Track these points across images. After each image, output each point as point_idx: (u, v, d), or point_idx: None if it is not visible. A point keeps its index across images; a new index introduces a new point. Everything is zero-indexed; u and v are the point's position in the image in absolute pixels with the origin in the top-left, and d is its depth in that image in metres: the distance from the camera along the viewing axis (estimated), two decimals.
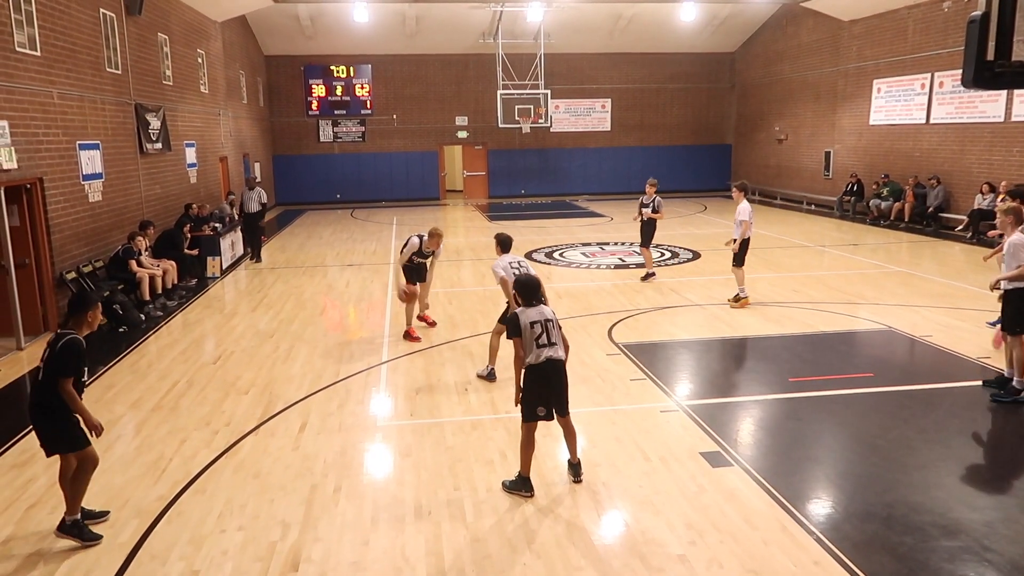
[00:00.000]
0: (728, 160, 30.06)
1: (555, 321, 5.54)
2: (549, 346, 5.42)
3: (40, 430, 4.97)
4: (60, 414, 4.88)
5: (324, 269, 15.04)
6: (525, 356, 5.43)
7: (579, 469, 5.72)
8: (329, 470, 5.97)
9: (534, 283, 5.66)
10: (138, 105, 13.66)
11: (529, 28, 25.63)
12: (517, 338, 5.44)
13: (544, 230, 19.79)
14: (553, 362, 5.43)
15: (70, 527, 4.94)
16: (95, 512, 5.22)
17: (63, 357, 4.83)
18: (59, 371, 4.82)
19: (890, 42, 20.37)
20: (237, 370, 8.59)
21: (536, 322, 5.42)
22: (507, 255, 8.01)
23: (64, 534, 4.94)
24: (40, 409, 4.91)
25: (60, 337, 4.90)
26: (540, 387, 5.45)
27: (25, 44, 9.82)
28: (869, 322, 10.16)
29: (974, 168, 17.72)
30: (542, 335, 5.41)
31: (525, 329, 5.40)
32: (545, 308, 5.56)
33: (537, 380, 5.44)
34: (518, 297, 5.67)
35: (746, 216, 10.79)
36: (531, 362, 5.41)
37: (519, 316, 5.45)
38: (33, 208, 10.10)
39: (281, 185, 27.79)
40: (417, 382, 8.06)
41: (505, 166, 29.00)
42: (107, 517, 5.24)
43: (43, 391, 4.88)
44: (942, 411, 7.14)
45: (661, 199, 12.88)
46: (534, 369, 5.42)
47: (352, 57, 27.21)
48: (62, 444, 4.95)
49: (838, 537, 4.84)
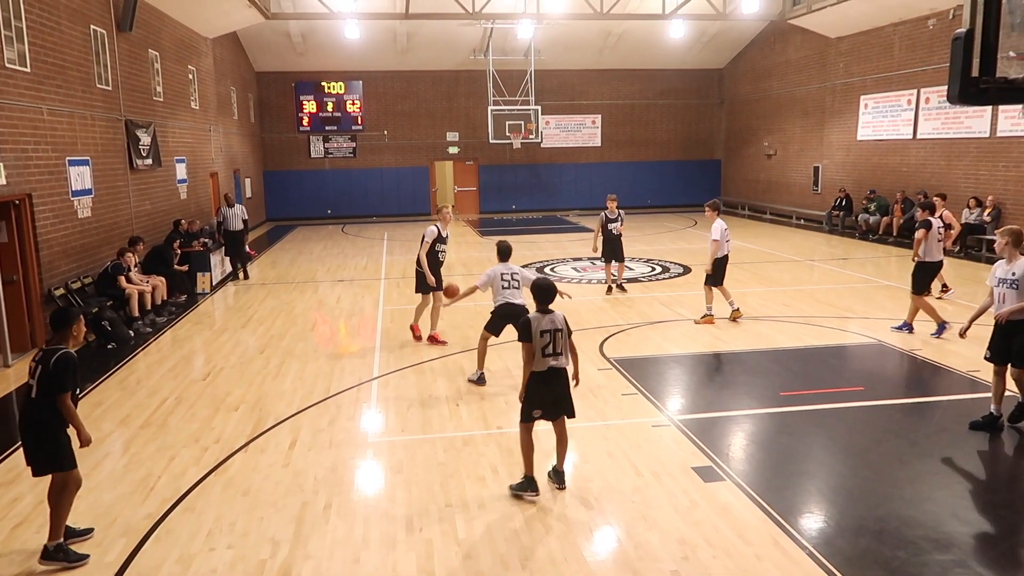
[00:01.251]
0: (718, 175, 30.24)
1: (564, 331, 5.71)
2: (554, 356, 5.63)
3: (33, 449, 4.92)
4: (54, 433, 4.86)
5: (315, 284, 15.00)
6: (532, 362, 5.62)
7: (563, 477, 5.82)
8: (320, 487, 5.93)
9: (550, 288, 5.88)
10: (128, 121, 13.64)
11: (520, 45, 25.80)
12: (528, 343, 5.60)
13: (535, 245, 19.82)
14: (556, 371, 5.63)
15: (53, 552, 4.84)
16: (78, 530, 5.15)
17: (59, 372, 4.82)
18: (56, 387, 4.82)
19: (876, 59, 20.61)
20: (227, 386, 8.54)
21: (546, 331, 5.60)
22: (502, 264, 8.36)
23: (48, 561, 4.83)
24: (35, 428, 4.87)
25: (51, 353, 4.88)
26: (540, 392, 5.64)
27: (15, 60, 9.81)
28: (859, 336, 10.20)
29: (961, 183, 17.88)
30: (549, 345, 5.60)
31: (535, 337, 5.57)
32: (557, 316, 5.73)
33: (538, 385, 5.64)
34: (534, 299, 5.86)
35: (717, 235, 10.63)
36: (536, 368, 5.61)
37: (531, 322, 5.62)
38: (22, 224, 10.04)
39: (272, 201, 27.77)
40: (408, 398, 8.03)
41: (496, 181, 29.08)
42: (91, 535, 5.18)
43: (38, 409, 4.85)
44: (933, 424, 7.16)
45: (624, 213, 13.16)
46: (537, 375, 5.63)
47: (343, 73, 27.28)
48: (54, 464, 4.90)
49: (831, 552, 4.84)
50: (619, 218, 12.92)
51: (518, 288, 8.25)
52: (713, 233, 10.67)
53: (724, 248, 10.69)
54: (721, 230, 10.68)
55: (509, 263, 8.40)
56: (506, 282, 8.27)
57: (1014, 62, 3.08)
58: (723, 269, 10.84)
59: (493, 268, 8.35)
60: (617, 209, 12.93)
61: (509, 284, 8.25)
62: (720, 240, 10.62)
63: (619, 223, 12.90)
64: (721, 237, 10.65)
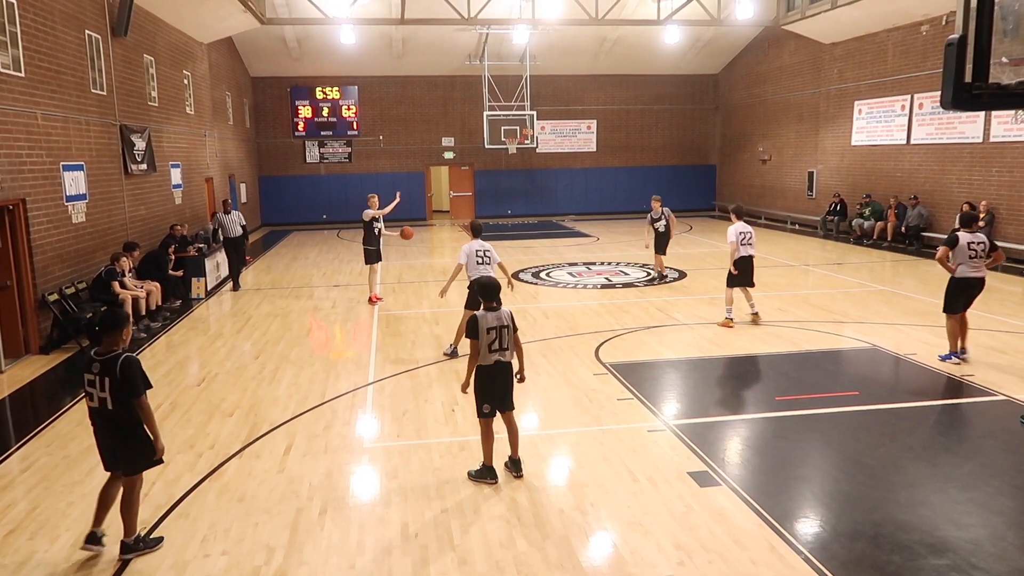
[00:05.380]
0: (713, 180, 30.32)
1: (510, 327, 5.94)
2: (500, 351, 5.88)
3: (128, 455, 4.95)
4: (141, 433, 4.91)
5: (310, 290, 14.98)
6: (478, 357, 5.86)
7: (519, 465, 6.09)
8: (315, 493, 5.91)
9: (493, 285, 6.06)
10: (123, 126, 13.62)
11: (515, 50, 25.85)
12: (474, 339, 5.84)
13: (531, 250, 19.83)
14: (501, 365, 5.90)
15: (134, 545, 4.98)
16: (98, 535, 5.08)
17: (131, 377, 4.78)
18: (132, 391, 4.79)
19: (870, 64, 20.70)
20: (222, 392, 8.51)
21: (493, 328, 5.83)
22: (476, 241, 9.29)
23: (131, 552, 4.96)
24: (122, 435, 4.89)
25: (112, 361, 4.80)
26: (487, 386, 5.90)
27: (9, 65, 9.79)
28: (854, 340, 10.22)
29: (954, 188, 17.96)
30: (495, 341, 5.84)
31: (482, 333, 5.80)
32: (504, 312, 5.94)
33: (485, 379, 5.89)
34: (479, 297, 6.10)
35: (732, 238, 11.02)
36: (482, 363, 5.86)
37: (479, 320, 5.83)
38: (16, 229, 10.01)
39: (267, 206, 27.74)
40: (404, 403, 8.01)
41: (491, 186, 29.10)
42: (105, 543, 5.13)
43: (118, 417, 4.85)
44: (927, 429, 7.18)
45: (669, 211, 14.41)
46: (484, 369, 5.89)
47: (339, 78, 27.30)
48: (145, 462, 4.98)
49: (826, 556, 4.84)
50: (662, 216, 14.28)
51: (490, 264, 9.23)
52: (728, 236, 11.10)
53: (741, 250, 11.00)
54: (736, 233, 11.02)
55: (482, 240, 9.34)
56: (480, 257, 9.23)
57: (1007, 68, 3.09)
58: (746, 270, 11.04)
59: (468, 245, 9.27)
60: (661, 208, 14.32)
61: (483, 260, 9.21)
62: (736, 242, 11.00)
63: (662, 221, 14.26)
64: (737, 239, 11.00)
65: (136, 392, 4.80)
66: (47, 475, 6.34)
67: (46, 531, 5.37)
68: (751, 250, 11.10)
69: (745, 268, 11.04)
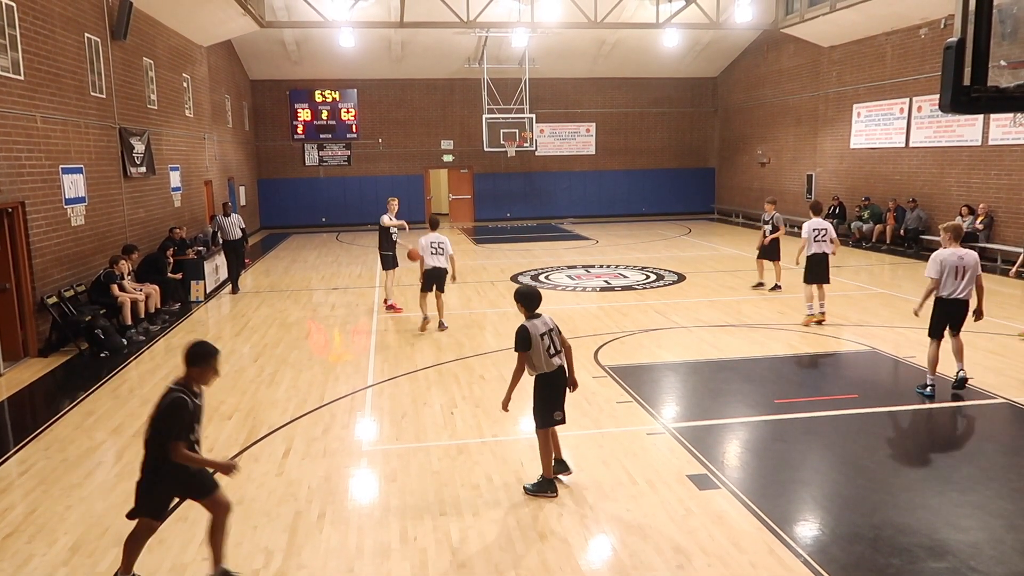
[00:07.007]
0: (712, 183, 30.34)
1: (556, 328, 5.85)
2: (557, 354, 5.76)
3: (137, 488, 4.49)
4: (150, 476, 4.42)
5: (309, 293, 14.97)
6: (536, 367, 5.68)
7: (566, 464, 6.02)
8: (313, 496, 5.90)
9: (535, 294, 5.90)
10: (122, 129, 13.62)
11: (514, 53, 25.88)
12: (524, 351, 5.66)
13: (530, 253, 19.82)
14: (561, 368, 5.79)
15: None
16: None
17: (162, 417, 4.30)
18: (163, 432, 4.30)
19: (869, 67, 20.72)
20: (220, 395, 8.49)
21: (544, 333, 5.71)
22: (433, 233, 10.88)
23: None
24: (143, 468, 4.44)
25: (165, 393, 4.36)
26: (553, 393, 5.77)
27: (9, 68, 9.79)
28: (853, 343, 10.22)
29: (953, 191, 17.97)
30: (550, 346, 5.71)
31: (536, 342, 5.64)
32: (547, 317, 5.84)
33: (551, 387, 5.75)
34: (521, 307, 5.86)
35: (805, 234, 11.16)
36: (544, 371, 5.69)
37: (528, 330, 5.67)
38: (15, 232, 10.01)
39: (266, 209, 27.73)
40: (402, 406, 8.01)
41: (491, 189, 29.10)
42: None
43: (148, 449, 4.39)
44: (926, 432, 7.17)
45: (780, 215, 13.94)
46: (547, 377, 5.72)
47: (338, 82, 27.32)
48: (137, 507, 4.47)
49: (826, 559, 4.83)
50: (771, 220, 13.80)
51: (442, 255, 10.83)
52: (803, 232, 11.23)
53: (813, 246, 11.09)
54: (810, 229, 11.11)
55: (438, 233, 10.92)
56: (433, 248, 10.84)
57: (1005, 71, 3.09)
58: (819, 267, 11.11)
59: (424, 237, 10.84)
60: (773, 211, 13.87)
61: (435, 251, 10.83)
62: (807, 239, 11.11)
63: (770, 225, 13.78)
64: (809, 235, 11.09)
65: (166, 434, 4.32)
66: (45, 478, 6.33)
67: (44, 534, 5.36)
68: (826, 247, 11.13)
69: (818, 265, 11.09)
